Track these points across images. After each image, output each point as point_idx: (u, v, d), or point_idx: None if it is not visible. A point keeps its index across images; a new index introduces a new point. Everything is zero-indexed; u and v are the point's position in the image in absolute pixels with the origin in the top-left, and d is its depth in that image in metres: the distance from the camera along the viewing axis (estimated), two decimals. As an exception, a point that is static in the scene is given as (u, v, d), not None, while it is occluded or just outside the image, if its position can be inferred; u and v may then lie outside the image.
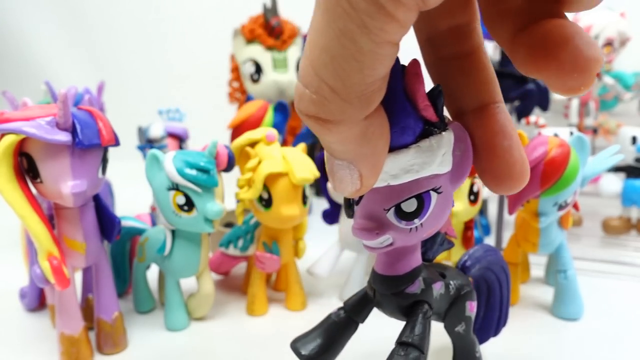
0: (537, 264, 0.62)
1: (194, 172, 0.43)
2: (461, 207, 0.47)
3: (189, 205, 0.44)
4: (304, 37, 0.92)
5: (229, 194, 0.48)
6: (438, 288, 0.31)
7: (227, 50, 0.90)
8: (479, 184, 0.48)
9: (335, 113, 0.18)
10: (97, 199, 0.43)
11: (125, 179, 0.82)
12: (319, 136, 0.19)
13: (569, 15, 0.19)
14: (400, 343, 0.28)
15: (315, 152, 0.96)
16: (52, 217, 0.41)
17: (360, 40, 0.16)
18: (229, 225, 0.70)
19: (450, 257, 0.51)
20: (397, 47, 0.17)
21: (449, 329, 0.34)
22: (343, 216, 0.56)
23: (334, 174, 0.21)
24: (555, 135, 0.60)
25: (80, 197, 0.38)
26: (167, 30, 1.40)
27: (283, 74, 0.84)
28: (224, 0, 1.30)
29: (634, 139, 0.68)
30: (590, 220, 0.75)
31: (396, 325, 0.31)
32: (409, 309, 0.29)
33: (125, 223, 0.51)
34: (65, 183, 0.37)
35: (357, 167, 0.20)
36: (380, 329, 0.36)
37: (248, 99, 0.76)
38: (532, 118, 0.69)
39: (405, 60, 0.22)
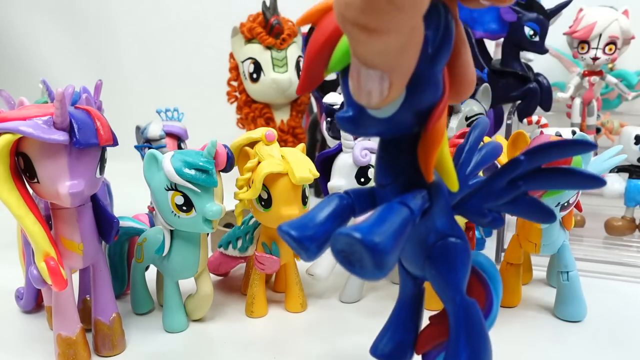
0: (539, 265, 0.61)
1: (192, 172, 0.42)
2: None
3: (188, 205, 0.43)
4: (304, 36, 0.92)
5: (228, 194, 0.48)
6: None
7: (226, 49, 0.90)
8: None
9: (386, 21, 0.18)
10: (94, 199, 0.42)
11: (124, 179, 0.81)
12: (358, 46, 0.19)
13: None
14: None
15: (315, 152, 0.95)
16: (49, 217, 0.41)
17: None
18: (228, 225, 0.70)
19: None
20: None
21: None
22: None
23: (361, 85, 0.21)
24: (558, 134, 0.59)
25: (77, 197, 0.38)
26: (165, 29, 1.40)
27: (282, 73, 0.84)
28: (224, -1, 1.29)
29: (637, 139, 0.67)
30: (592, 220, 0.75)
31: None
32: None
33: (123, 223, 0.51)
34: (63, 183, 0.37)
35: (390, 77, 0.20)
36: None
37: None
38: (534, 117, 0.68)
39: None
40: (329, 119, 0.64)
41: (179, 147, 0.72)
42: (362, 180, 0.51)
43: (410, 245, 0.29)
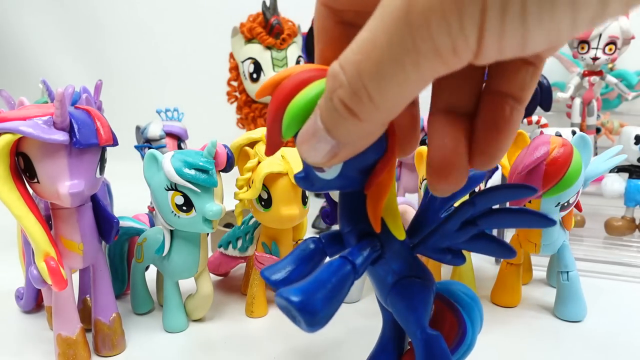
0: (539, 264, 0.61)
1: (192, 172, 0.42)
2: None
3: (188, 205, 0.43)
4: (304, 36, 0.92)
5: (228, 194, 0.48)
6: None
7: (226, 49, 0.90)
8: (480, 184, 0.48)
9: (363, 114, 0.19)
10: (95, 199, 0.42)
11: (124, 179, 0.81)
12: (335, 119, 0.20)
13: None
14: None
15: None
16: (49, 217, 0.41)
17: (411, 73, 0.17)
18: (228, 225, 0.70)
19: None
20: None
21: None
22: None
23: (312, 142, 0.22)
24: (558, 134, 0.59)
25: (77, 197, 0.38)
26: (165, 29, 1.40)
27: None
28: (224, -2, 1.29)
29: (637, 139, 0.67)
30: (593, 220, 0.75)
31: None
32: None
33: (123, 223, 0.51)
34: (63, 183, 0.37)
35: (341, 149, 0.21)
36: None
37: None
38: (534, 117, 0.68)
39: None
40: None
41: (179, 147, 0.72)
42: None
43: (374, 283, 0.31)
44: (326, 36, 0.26)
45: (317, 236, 0.30)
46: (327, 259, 0.29)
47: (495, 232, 0.65)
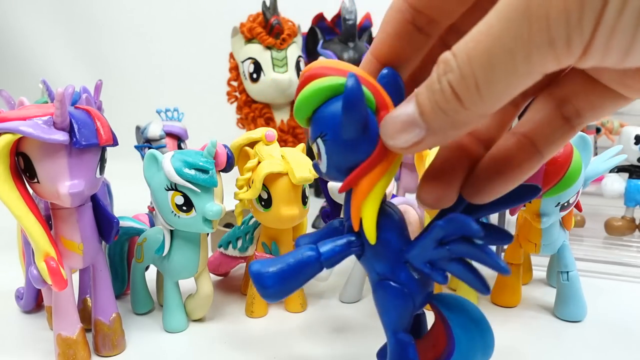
0: (539, 264, 0.61)
1: (192, 172, 0.42)
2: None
3: (188, 205, 0.43)
4: (304, 36, 0.92)
5: (228, 194, 0.48)
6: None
7: (226, 49, 0.90)
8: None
9: (467, 101, 0.19)
10: (95, 199, 0.42)
11: (124, 179, 0.81)
12: (438, 102, 0.20)
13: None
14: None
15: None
16: (49, 217, 0.41)
17: (520, 65, 0.18)
18: (228, 225, 0.70)
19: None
20: None
21: None
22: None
23: (399, 124, 0.22)
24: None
25: (77, 197, 0.38)
26: (165, 29, 1.40)
27: (282, 73, 0.84)
28: (224, -2, 1.29)
29: (637, 139, 0.67)
30: (593, 220, 0.75)
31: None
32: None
33: (123, 223, 0.51)
34: (63, 183, 0.37)
35: (428, 136, 0.22)
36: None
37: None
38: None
39: None
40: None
41: (179, 147, 0.72)
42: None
43: (368, 275, 0.32)
44: (390, 29, 0.26)
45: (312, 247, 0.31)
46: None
47: (496, 222, 0.65)
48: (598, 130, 0.86)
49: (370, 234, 0.28)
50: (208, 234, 0.51)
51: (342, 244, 0.29)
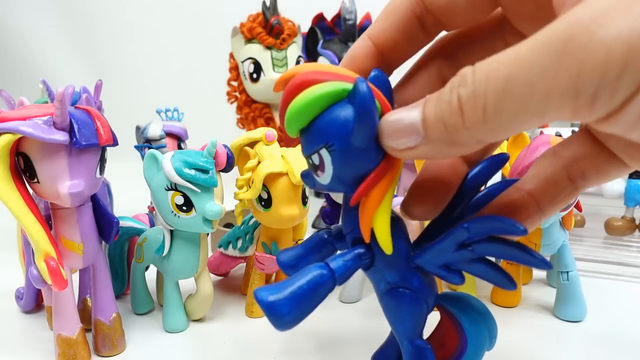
0: (539, 264, 0.61)
1: (192, 172, 0.42)
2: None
3: (188, 205, 0.43)
4: (304, 36, 0.92)
5: (228, 194, 0.48)
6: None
7: (226, 49, 0.90)
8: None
9: (469, 120, 0.19)
10: (95, 199, 0.42)
11: (124, 179, 0.82)
12: (442, 113, 0.20)
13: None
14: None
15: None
16: (49, 217, 0.41)
17: (535, 103, 0.17)
18: (228, 225, 0.70)
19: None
20: None
21: None
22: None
23: (399, 126, 0.22)
24: (558, 134, 0.59)
25: (77, 198, 0.38)
26: (165, 29, 1.40)
27: (282, 73, 0.84)
28: (224, -2, 1.29)
29: (636, 139, 0.67)
30: (592, 220, 0.75)
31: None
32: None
33: (123, 223, 0.51)
34: (63, 183, 0.37)
35: (422, 146, 0.21)
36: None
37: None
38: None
39: None
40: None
41: (179, 147, 0.72)
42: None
43: (372, 284, 0.31)
44: (394, 19, 0.26)
45: (330, 229, 0.31)
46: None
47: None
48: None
49: (387, 244, 0.27)
50: (208, 234, 0.51)
51: (352, 258, 0.28)
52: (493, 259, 0.28)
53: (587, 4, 0.16)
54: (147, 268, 0.52)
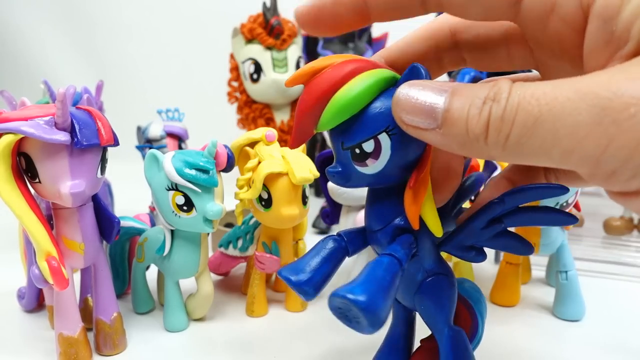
0: (538, 264, 0.61)
1: (193, 172, 0.43)
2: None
3: (189, 205, 0.43)
4: (304, 37, 0.92)
5: (229, 194, 0.48)
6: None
7: (227, 50, 0.90)
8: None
9: (489, 139, 0.19)
10: (96, 199, 0.42)
11: (125, 179, 0.82)
12: (468, 115, 0.20)
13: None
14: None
15: (315, 152, 0.95)
16: (50, 217, 0.41)
17: (556, 153, 0.17)
18: (229, 225, 0.70)
19: (451, 258, 0.51)
20: None
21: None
22: (343, 216, 0.56)
23: (420, 107, 0.21)
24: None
25: (79, 197, 0.38)
26: (166, 30, 1.40)
27: (283, 73, 0.84)
28: (224, -1, 1.30)
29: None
30: (591, 220, 0.75)
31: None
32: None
33: (124, 223, 0.51)
34: (64, 183, 0.37)
35: (434, 133, 0.21)
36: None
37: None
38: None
39: None
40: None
41: (180, 147, 0.72)
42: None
43: (401, 281, 0.30)
44: (418, 46, 0.27)
45: (336, 234, 0.30)
46: (356, 257, 0.30)
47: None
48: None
49: (437, 228, 0.27)
50: (208, 234, 0.51)
51: (408, 247, 0.27)
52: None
53: (632, 78, 0.16)
54: (147, 268, 0.52)
